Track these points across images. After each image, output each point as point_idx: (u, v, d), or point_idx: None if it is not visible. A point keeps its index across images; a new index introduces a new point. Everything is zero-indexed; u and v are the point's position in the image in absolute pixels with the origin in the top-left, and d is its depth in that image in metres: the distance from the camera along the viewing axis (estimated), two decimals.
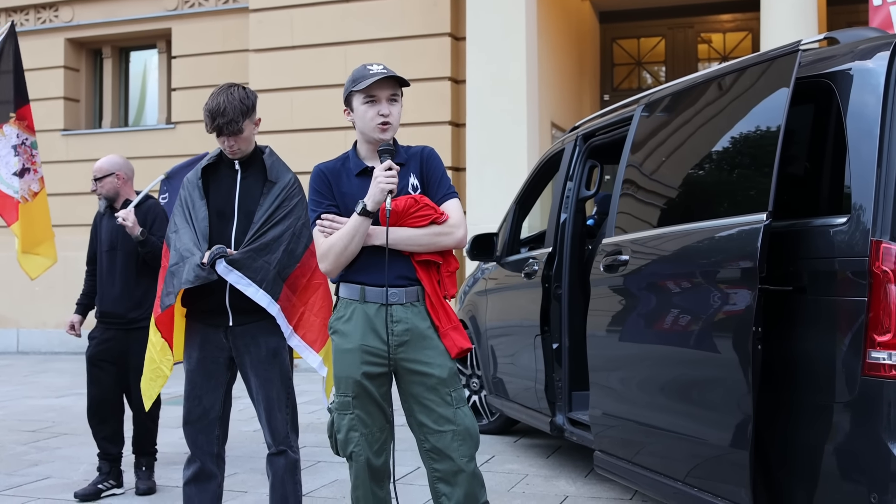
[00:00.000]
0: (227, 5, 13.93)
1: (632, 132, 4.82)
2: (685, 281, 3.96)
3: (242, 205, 4.32)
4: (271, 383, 4.31)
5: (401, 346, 3.64)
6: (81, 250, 6.50)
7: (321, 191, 3.77)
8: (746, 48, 13.32)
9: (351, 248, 3.61)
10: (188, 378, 4.35)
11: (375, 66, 3.68)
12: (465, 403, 3.72)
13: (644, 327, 4.29)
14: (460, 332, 3.72)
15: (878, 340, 3.09)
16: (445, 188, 3.76)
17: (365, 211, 3.56)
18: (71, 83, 15.13)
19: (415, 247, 3.64)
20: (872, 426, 3.10)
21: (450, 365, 3.69)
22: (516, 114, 10.55)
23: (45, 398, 9.83)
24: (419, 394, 3.68)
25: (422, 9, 11.86)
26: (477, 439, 3.72)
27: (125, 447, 5.91)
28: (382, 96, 3.67)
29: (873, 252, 3.12)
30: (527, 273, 6.13)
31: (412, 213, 3.62)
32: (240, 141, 4.33)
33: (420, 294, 3.70)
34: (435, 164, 3.81)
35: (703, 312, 3.76)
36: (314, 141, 11.95)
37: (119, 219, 5.37)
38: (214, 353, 4.32)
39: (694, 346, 3.84)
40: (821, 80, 3.58)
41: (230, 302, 4.24)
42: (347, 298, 3.72)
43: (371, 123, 3.68)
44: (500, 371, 6.74)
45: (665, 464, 4.11)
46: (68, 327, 5.99)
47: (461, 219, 3.71)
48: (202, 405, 4.33)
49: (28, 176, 7.13)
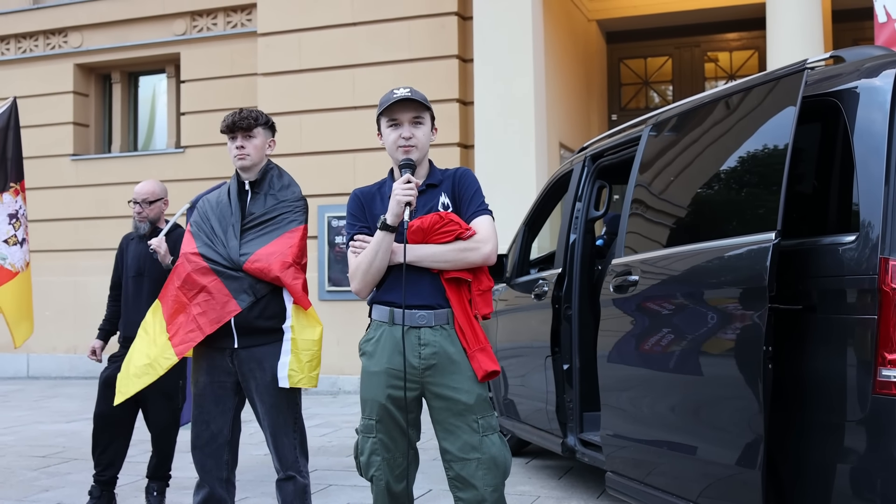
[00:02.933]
0: (235, 29, 14.00)
1: (640, 152, 4.83)
2: (695, 300, 3.96)
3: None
4: (277, 409, 4.30)
5: (428, 370, 3.61)
6: (91, 275, 6.55)
7: (355, 213, 3.79)
8: (753, 66, 13.35)
9: (376, 265, 3.60)
10: (196, 402, 4.36)
11: (401, 90, 3.70)
12: (495, 431, 3.65)
13: (654, 347, 4.28)
14: (488, 354, 3.65)
15: (889, 358, 3.07)
16: (477, 205, 3.72)
17: (385, 225, 3.56)
18: (80, 108, 15.21)
19: (440, 263, 3.61)
20: (884, 444, 3.09)
21: (478, 391, 3.62)
22: (524, 135, 10.57)
23: (56, 423, 9.83)
24: (445, 420, 3.63)
25: (429, 31, 11.91)
26: (505, 469, 3.64)
27: (129, 469, 5.88)
28: (405, 119, 3.69)
29: (882, 270, 3.11)
30: (537, 294, 6.13)
31: (437, 229, 3.61)
32: (249, 145, 4.36)
33: (450, 317, 3.65)
34: (468, 181, 3.77)
35: (713, 332, 3.75)
36: (323, 164, 12.00)
37: (152, 246, 5.36)
38: (221, 377, 4.32)
39: (704, 365, 3.83)
40: (827, 99, 3.58)
41: (236, 322, 4.25)
42: (378, 321, 3.71)
43: (394, 146, 3.69)
44: (511, 392, 6.74)
45: (677, 484, 4.09)
46: (90, 352, 6.00)
47: (490, 235, 3.65)
48: (210, 430, 4.33)
49: (25, 246, 7.20)
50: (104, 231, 13.83)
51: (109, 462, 5.83)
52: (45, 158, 14.86)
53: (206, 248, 4.36)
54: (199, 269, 4.31)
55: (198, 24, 14.29)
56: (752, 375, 3.40)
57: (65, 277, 14.51)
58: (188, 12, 14.28)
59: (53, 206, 14.80)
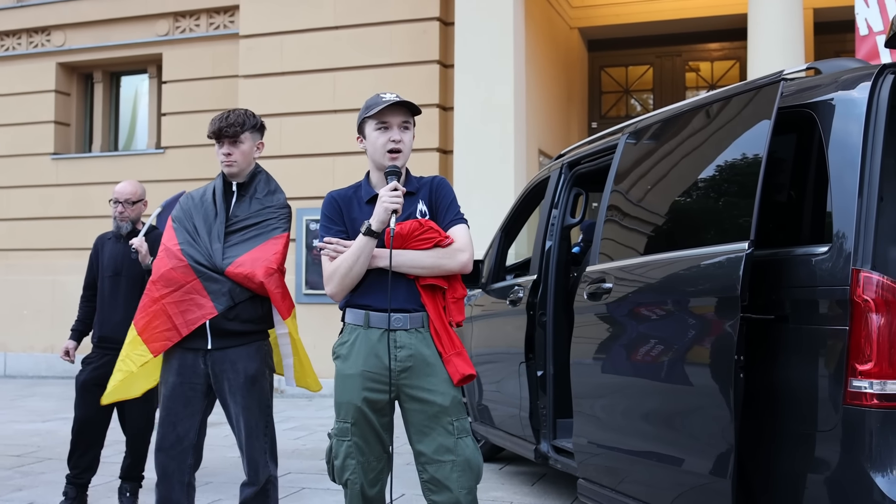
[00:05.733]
0: (217, 31, 13.98)
1: (616, 160, 4.84)
2: (668, 309, 3.97)
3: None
4: (249, 411, 4.28)
5: (403, 373, 3.62)
6: (70, 274, 6.53)
7: (331, 216, 3.80)
8: (734, 77, 13.40)
9: (356, 269, 3.62)
10: (163, 403, 4.32)
11: (388, 95, 3.73)
12: (469, 434, 3.67)
13: (627, 355, 4.28)
14: (464, 358, 3.68)
15: (860, 369, 3.09)
16: (454, 214, 3.77)
17: (370, 231, 3.58)
18: (62, 107, 15.15)
19: (418, 269, 3.63)
20: (854, 455, 3.10)
21: (453, 393, 3.65)
22: (504, 141, 10.58)
23: (31, 423, 9.77)
24: (420, 422, 3.64)
25: (411, 36, 11.92)
26: (478, 471, 3.67)
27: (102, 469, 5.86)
28: (394, 123, 3.71)
29: (854, 281, 3.13)
30: (512, 300, 6.13)
31: (416, 235, 3.63)
32: (237, 152, 4.34)
33: (425, 320, 3.68)
34: (444, 191, 3.82)
35: (686, 340, 3.76)
36: (302, 167, 11.99)
37: (134, 245, 5.32)
38: (192, 378, 4.30)
39: (677, 374, 3.84)
40: (803, 110, 3.60)
41: (211, 324, 4.23)
42: (352, 324, 3.72)
43: (382, 150, 3.71)
44: (485, 398, 6.74)
45: (649, 492, 4.10)
46: (63, 353, 5.97)
47: (467, 244, 3.70)
48: (176, 431, 4.29)
49: None
50: (83, 230, 13.74)
51: (88, 465, 5.82)
52: (25, 157, 14.82)
53: (188, 245, 4.33)
54: (179, 267, 4.29)
55: (180, 24, 14.26)
56: (724, 384, 3.41)
57: (43, 276, 14.44)
58: (171, 13, 14.24)
59: (33, 205, 14.75)
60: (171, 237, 4.40)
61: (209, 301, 4.23)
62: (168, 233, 4.45)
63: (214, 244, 4.29)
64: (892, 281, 3.11)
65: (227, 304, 4.25)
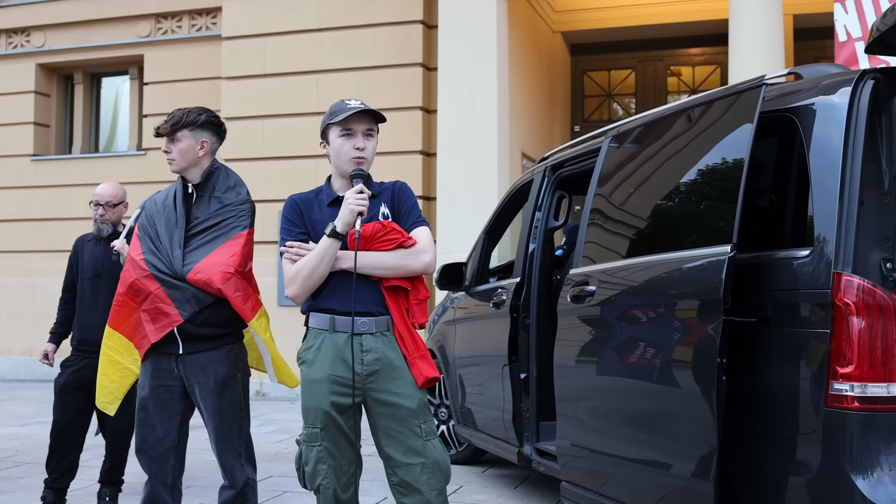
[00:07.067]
0: (199, 33, 13.93)
1: (599, 163, 4.85)
2: (651, 312, 3.98)
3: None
4: (220, 414, 4.26)
5: (370, 377, 3.64)
6: (49, 276, 6.49)
7: (292, 219, 3.82)
8: (715, 81, 13.45)
9: (319, 272, 3.63)
10: (141, 405, 4.30)
11: (353, 101, 3.78)
12: (436, 435, 3.71)
13: (610, 358, 4.30)
14: (428, 361, 3.71)
15: (841, 372, 3.11)
16: (416, 217, 3.81)
17: (334, 233, 3.60)
18: (42, 108, 15.06)
19: (382, 270, 3.65)
20: (836, 457, 3.12)
21: (419, 396, 3.68)
22: (487, 144, 10.58)
23: (9, 426, 9.70)
24: (388, 426, 3.66)
25: (394, 39, 11.91)
26: (447, 472, 3.70)
27: (81, 474, 5.84)
28: (359, 130, 3.76)
29: (835, 284, 3.15)
30: (495, 303, 6.14)
31: (379, 237, 3.66)
32: (174, 149, 4.35)
33: (390, 324, 3.70)
34: (406, 195, 3.86)
35: (669, 343, 3.77)
36: (285, 169, 11.94)
37: (115, 248, 5.30)
38: (167, 381, 4.29)
39: (659, 376, 3.85)
40: (785, 115, 3.62)
41: (179, 330, 4.22)
42: (317, 328, 3.72)
43: (346, 157, 3.75)
44: (468, 401, 6.74)
45: (632, 495, 4.11)
46: (41, 356, 5.94)
47: (429, 244, 3.74)
48: (156, 433, 4.28)
49: None
50: (63, 232, 13.66)
51: (66, 469, 5.79)
52: (4, 158, 14.72)
53: (151, 254, 4.31)
54: (144, 277, 4.28)
55: (162, 26, 14.20)
56: (707, 387, 3.42)
57: (21, 279, 14.34)
58: (153, 14, 14.17)
59: (12, 207, 14.64)
60: (135, 246, 4.40)
61: (174, 308, 4.22)
62: (134, 241, 4.44)
63: (175, 251, 4.27)
64: (873, 284, 3.13)
65: (193, 310, 4.23)
